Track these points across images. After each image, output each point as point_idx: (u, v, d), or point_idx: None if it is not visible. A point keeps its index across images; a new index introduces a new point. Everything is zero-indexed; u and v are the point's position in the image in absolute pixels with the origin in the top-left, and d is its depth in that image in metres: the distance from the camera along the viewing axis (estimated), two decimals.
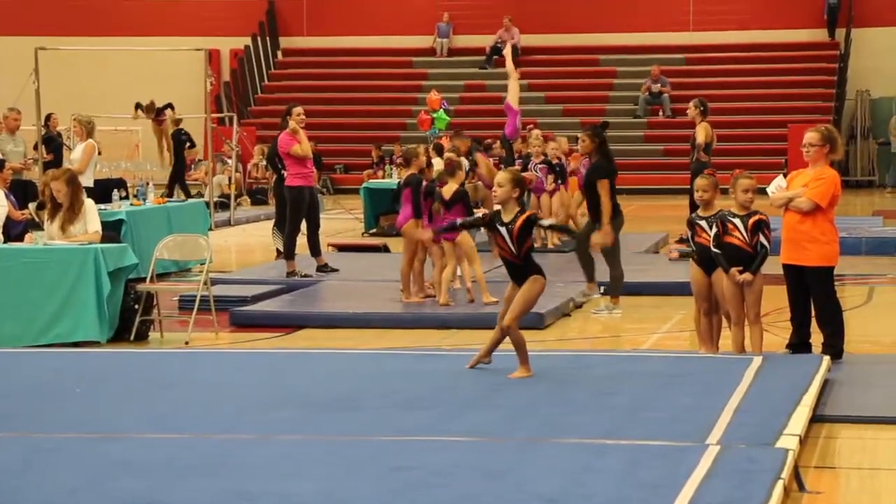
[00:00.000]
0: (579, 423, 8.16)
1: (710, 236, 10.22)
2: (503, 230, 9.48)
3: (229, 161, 28.53)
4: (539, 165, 18.25)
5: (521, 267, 9.52)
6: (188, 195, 20.95)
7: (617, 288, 13.39)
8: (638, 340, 12.27)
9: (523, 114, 19.36)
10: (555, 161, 18.50)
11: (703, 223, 10.31)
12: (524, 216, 9.48)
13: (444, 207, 13.25)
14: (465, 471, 7.03)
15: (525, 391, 9.18)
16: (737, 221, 10.11)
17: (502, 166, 15.87)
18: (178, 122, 26.53)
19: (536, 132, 19.34)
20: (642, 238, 19.48)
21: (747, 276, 10.01)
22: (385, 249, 18.60)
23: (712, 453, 7.28)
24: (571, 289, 14.07)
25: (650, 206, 27.78)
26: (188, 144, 26.58)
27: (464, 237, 13.39)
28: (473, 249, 13.52)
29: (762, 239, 10.08)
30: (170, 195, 19.33)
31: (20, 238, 12.36)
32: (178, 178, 25.91)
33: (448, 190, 13.27)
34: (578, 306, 13.80)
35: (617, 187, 13.45)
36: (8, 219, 12.49)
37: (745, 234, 10.08)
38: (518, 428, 8.08)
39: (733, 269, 10.05)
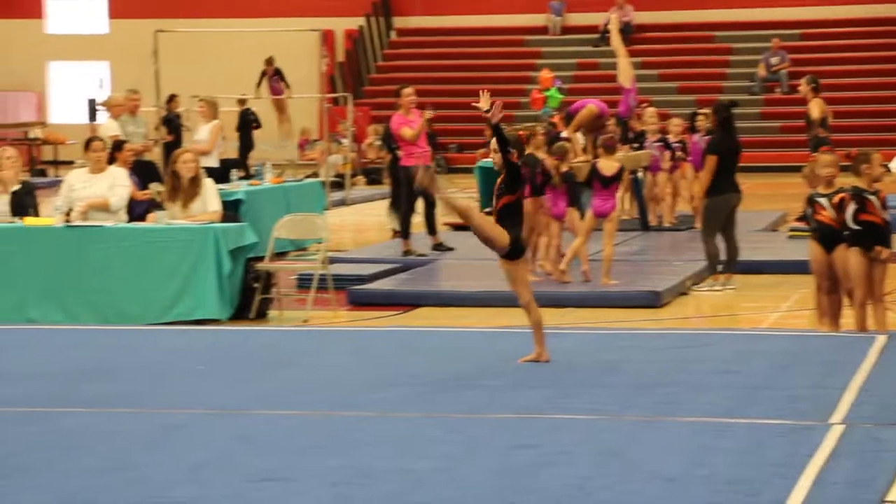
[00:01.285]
0: (698, 402, 8.12)
1: (830, 213, 10.10)
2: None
3: (344, 141, 28.68)
4: (655, 144, 18.13)
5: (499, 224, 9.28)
6: (248, 177, 20.63)
7: (712, 265, 13.32)
8: (757, 319, 12.16)
9: (639, 92, 19.22)
10: (675, 140, 18.34)
11: (823, 200, 10.19)
12: (505, 164, 9.19)
13: (601, 185, 13.24)
14: (583, 449, 7.03)
15: (642, 370, 9.15)
16: (873, 199, 9.99)
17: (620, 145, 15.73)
18: (243, 102, 26.56)
19: (651, 110, 19.20)
20: (760, 216, 19.29)
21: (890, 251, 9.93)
22: None
23: (836, 433, 7.20)
24: (688, 267, 13.98)
25: (767, 184, 27.46)
26: (255, 125, 26.57)
27: (573, 215, 13.38)
28: (587, 228, 13.47)
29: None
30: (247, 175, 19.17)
31: (142, 218, 12.55)
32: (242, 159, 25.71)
33: (608, 167, 13.22)
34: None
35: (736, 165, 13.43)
36: (131, 199, 12.67)
37: (881, 210, 9.97)
38: (636, 407, 8.05)
39: (878, 247, 9.92)
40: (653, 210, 18.27)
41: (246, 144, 25.66)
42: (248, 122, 26.09)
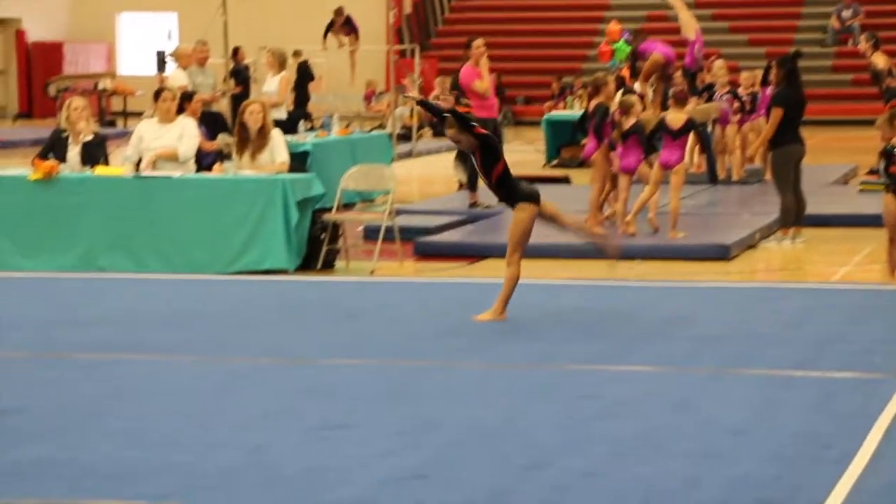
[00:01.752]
0: (767, 355, 8.07)
1: None
2: (473, 160, 9.25)
3: (411, 93, 28.64)
4: (724, 96, 17.97)
5: (501, 194, 9.18)
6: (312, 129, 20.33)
7: (786, 219, 13.19)
8: (826, 273, 12.05)
9: (707, 44, 18.99)
10: (745, 94, 18.15)
11: None
12: (478, 152, 9.01)
13: (669, 137, 13.17)
14: (651, 400, 7.01)
15: (710, 323, 9.11)
16: None
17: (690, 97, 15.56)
18: (298, 54, 26.43)
19: (720, 62, 19.00)
20: (830, 169, 19.11)
21: None
22: (567, 181, 18.52)
23: None
24: (757, 221, 13.87)
25: (838, 137, 27.19)
26: (310, 78, 26.45)
27: (644, 167, 13.32)
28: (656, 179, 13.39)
29: None
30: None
31: (210, 168, 12.59)
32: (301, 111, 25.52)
33: (676, 119, 13.15)
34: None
35: (804, 118, 13.28)
36: (199, 149, 12.72)
37: None
38: (704, 359, 8.02)
39: None
40: (722, 163, 18.13)
41: (301, 98, 25.62)
42: (304, 75, 26.00)
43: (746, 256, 12.80)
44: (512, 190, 9.14)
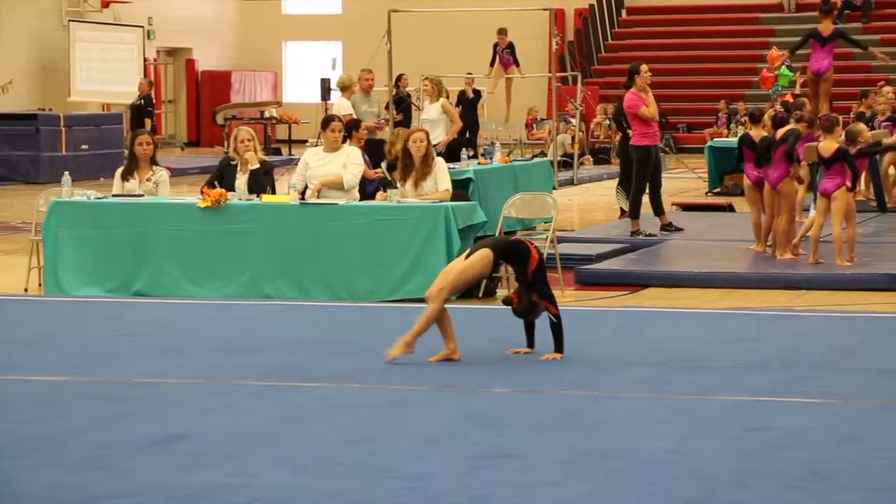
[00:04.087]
0: None
1: None
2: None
3: (573, 120, 28.62)
4: (884, 123, 17.66)
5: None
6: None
7: None
8: None
9: (876, 70, 18.84)
10: None
11: None
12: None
13: (824, 166, 12.99)
14: (819, 433, 6.91)
15: (879, 354, 8.94)
16: None
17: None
18: (470, 81, 26.45)
19: (888, 88, 18.69)
20: None
21: None
22: (730, 209, 18.35)
23: None
24: None
25: None
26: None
27: (789, 187, 13.20)
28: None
29: None
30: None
31: (373, 196, 12.72)
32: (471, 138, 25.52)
33: (826, 148, 12.94)
34: None
35: None
36: (363, 177, 12.86)
37: None
38: (874, 391, 7.88)
39: None
40: (890, 191, 17.82)
41: (470, 124, 25.67)
42: (469, 102, 26.06)
43: None
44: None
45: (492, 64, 27.33)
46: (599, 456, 6.55)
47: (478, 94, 25.58)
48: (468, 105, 24.70)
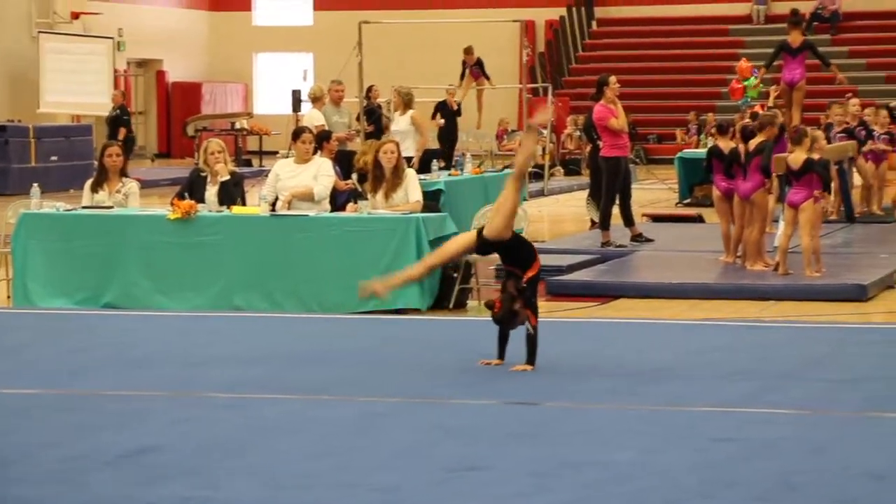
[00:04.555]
0: None
1: None
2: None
3: (543, 132, 28.67)
4: (839, 135, 17.77)
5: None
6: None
7: None
8: None
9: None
10: (882, 132, 17.94)
11: None
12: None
13: (793, 177, 13.04)
14: (788, 444, 6.92)
15: (848, 365, 8.98)
16: None
17: None
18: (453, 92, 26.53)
19: (854, 101, 18.82)
20: None
21: None
22: (700, 220, 18.41)
23: None
24: (894, 260, 13.66)
25: None
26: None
27: (762, 198, 13.26)
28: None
29: None
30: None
31: (343, 207, 12.72)
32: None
33: (795, 159, 12.98)
34: None
35: None
36: (334, 188, 12.85)
37: None
38: (841, 402, 7.91)
39: None
40: (863, 202, 18.00)
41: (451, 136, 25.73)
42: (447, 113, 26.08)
43: (885, 297, 12.60)
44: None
45: (461, 78, 27.38)
46: (570, 467, 6.55)
47: (460, 105, 25.68)
48: (450, 117, 24.81)
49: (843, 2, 35.07)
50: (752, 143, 13.52)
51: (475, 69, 27.07)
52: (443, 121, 23.16)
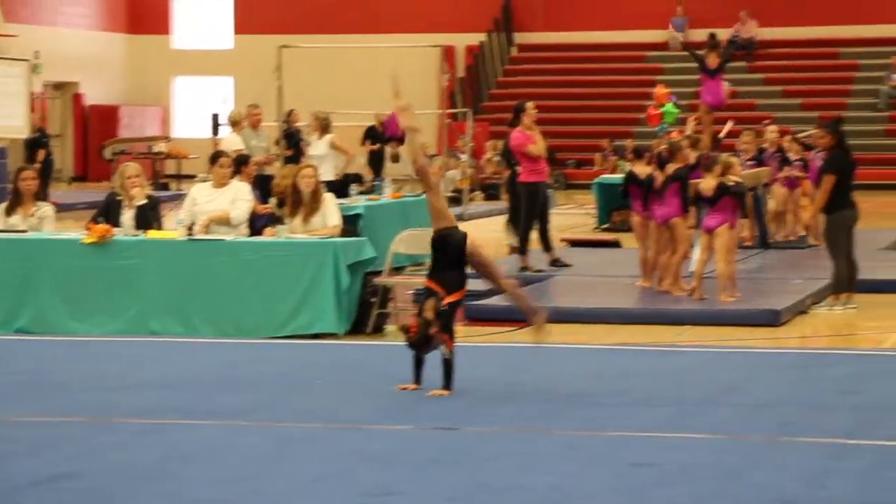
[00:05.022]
0: (820, 422, 8.02)
1: None
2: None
3: (463, 156, 28.76)
4: (748, 162, 17.98)
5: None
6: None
7: (838, 285, 13.12)
8: (878, 339, 11.98)
9: (760, 108, 19.34)
10: (796, 158, 18.18)
11: None
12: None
13: (707, 204, 13.16)
14: (704, 469, 6.97)
15: (762, 390, 9.06)
16: None
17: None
18: (382, 117, 26.74)
19: (773, 128, 19.04)
20: (884, 234, 19.01)
21: None
22: (617, 245, 18.53)
23: None
24: (808, 286, 13.81)
25: (892, 202, 27.06)
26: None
27: (682, 224, 13.38)
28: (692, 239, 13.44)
29: None
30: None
31: (262, 231, 12.68)
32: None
33: (707, 187, 13.10)
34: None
35: (855, 182, 13.28)
36: (252, 212, 12.81)
37: None
38: (756, 427, 7.97)
39: None
40: (794, 225, 18.24)
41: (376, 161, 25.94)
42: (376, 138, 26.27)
43: (798, 322, 12.73)
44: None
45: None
46: (488, 492, 6.55)
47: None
48: (380, 141, 25.01)
49: (758, 30, 35.50)
50: (669, 169, 13.65)
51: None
52: (377, 145, 23.21)
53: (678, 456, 7.24)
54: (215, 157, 12.82)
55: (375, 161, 25.11)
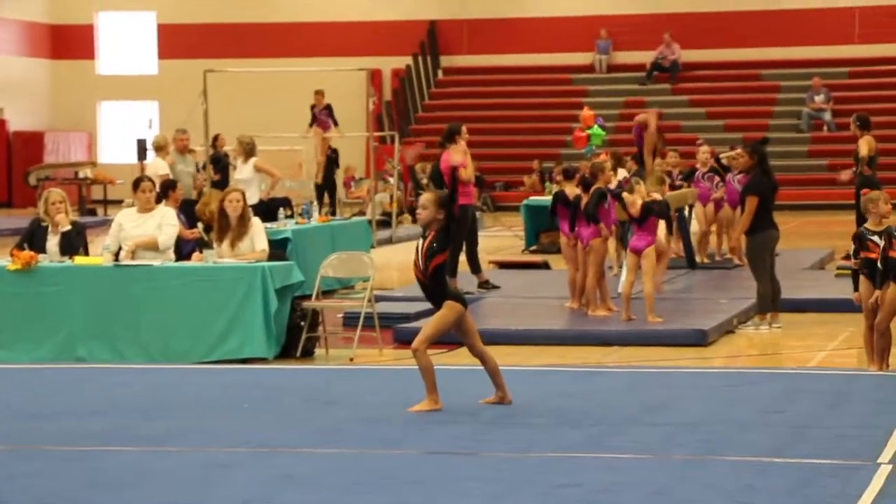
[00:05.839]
0: (745, 441, 8.09)
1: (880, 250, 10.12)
2: (419, 243, 9.14)
3: (391, 179, 28.77)
4: (680, 179, 18.13)
5: (430, 288, 9.10)
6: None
7: (763, 305, 13.25)
8: (803, 358, 12.11)
9: (685, 130, 19.43)
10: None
11: (875, 238, 10.19)
12: (435, 232, 9.04)
13: (634, 223, 13.29)
14: (628, 488, 7.02)
15: (687, 409, 9.13)
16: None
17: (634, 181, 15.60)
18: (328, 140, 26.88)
19: (705, 148, 19.18)
20: (807, 254, 19.21)
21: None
22: (546, 266, 18.60)
23: (884, 473, 7.15)
24: (734, 306, 13.94)
25: (814, 222, 27.36)
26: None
27: (599, 244, 13.50)
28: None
29: None
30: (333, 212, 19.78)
31: (189, 256, 12.63)
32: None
33: (632, 205, 13.25)
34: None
35: (778, 203, 13.43)
36: (178, 238, 12.75)
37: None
38: (681, 445, 8.04)
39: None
40: (716, 248, 18.38)
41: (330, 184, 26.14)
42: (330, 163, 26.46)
43: (724, 342, 12.85)
44: (442, 285, 9.07)
45: (311, 125, 27.42)
46: None
47: (336, 152, 25.88)
48: (329, 164, 25.15)
49: (682, 52, 35.82)
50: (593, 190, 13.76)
51: (324, 115, 27.18)
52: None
53: (604, 476, 7.28)
54: (137, 182, 12.75)
55: (326, 185, 25.51)
